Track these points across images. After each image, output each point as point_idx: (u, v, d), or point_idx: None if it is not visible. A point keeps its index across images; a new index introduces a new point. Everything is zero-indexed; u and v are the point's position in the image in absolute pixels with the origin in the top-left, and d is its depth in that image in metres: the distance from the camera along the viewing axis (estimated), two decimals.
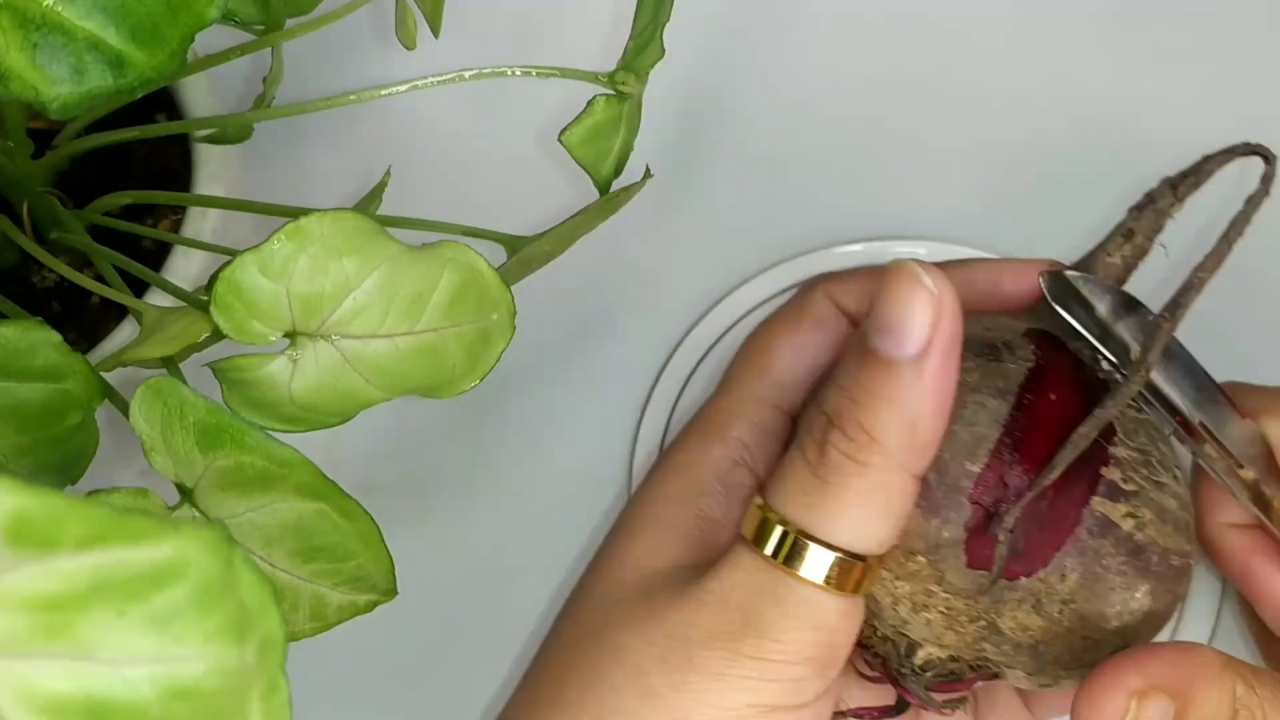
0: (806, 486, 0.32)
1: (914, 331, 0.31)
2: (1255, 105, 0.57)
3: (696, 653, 0.32)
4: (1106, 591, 0.34)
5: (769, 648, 0.32)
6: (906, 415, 0.31)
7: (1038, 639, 0.34)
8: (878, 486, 0.32)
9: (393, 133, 0.54)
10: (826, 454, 0.32)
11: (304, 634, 0.34)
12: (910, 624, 0.35)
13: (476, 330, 0.34)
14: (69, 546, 0.17)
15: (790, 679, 0.32)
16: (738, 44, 0.57)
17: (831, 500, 0.32)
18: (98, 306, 0.43)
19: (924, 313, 0.31)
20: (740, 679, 0.32)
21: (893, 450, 0.32)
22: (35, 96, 0.29)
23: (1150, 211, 0.37)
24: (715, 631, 0.32)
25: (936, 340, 0.31)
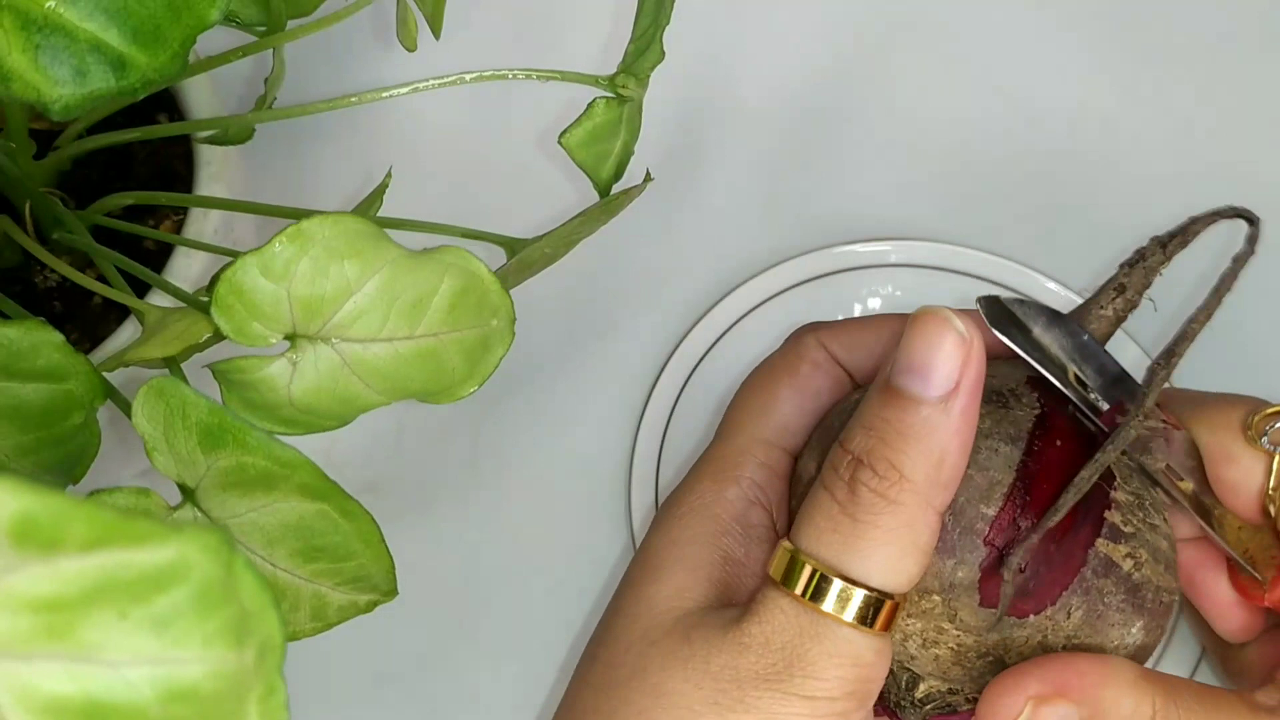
0: (838, 525, 0.33)
1: (943, 373, 0.33)
2: (1248, 104, 0.57)
3: (748, 694, 0.33)
4: (1106, 628, 0.35)
5: (815, 686, 0.33)
6: (935, 454, 0.32)
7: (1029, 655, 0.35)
8: (907, 524, 0.33)
9: (393, 135, 0.54)
10: (857, 493, 0.33)
11: (305, 634, 0.35)
12: (917, 659, 0.36)
13: (476, 336, 0.34)
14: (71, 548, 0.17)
15: (836, 714, 0.33)
16: (738, 46, 0.57)
17: (863, 539, 0.33)
18: (99, 307, 0.43)
19: (954, 355, 0.33)
20: (793, 717, 0.33)
21: (921, 487, 0.33)
22: (37, 98, 0.29)
23: (1140, 268, 0.39)
24: (762, 674, 0.33)
25: (964, 382, 0.33)
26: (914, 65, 0.57)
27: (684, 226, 0.54)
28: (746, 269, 0.51)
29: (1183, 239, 0.39)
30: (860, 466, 0.33)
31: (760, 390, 0.40)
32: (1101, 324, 0.39)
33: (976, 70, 0.57)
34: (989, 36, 0.58)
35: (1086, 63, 0.57)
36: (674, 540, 0.38)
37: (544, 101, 0.56)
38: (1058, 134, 0.56)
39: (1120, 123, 0.56)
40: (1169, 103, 0.57)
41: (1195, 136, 0.56)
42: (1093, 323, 0.38)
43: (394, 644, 0.48)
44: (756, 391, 0.40)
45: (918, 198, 0.55)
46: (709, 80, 0.56)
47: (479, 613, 0.48)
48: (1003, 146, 0.56)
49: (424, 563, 0.47)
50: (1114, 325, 0.39)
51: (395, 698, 0.48)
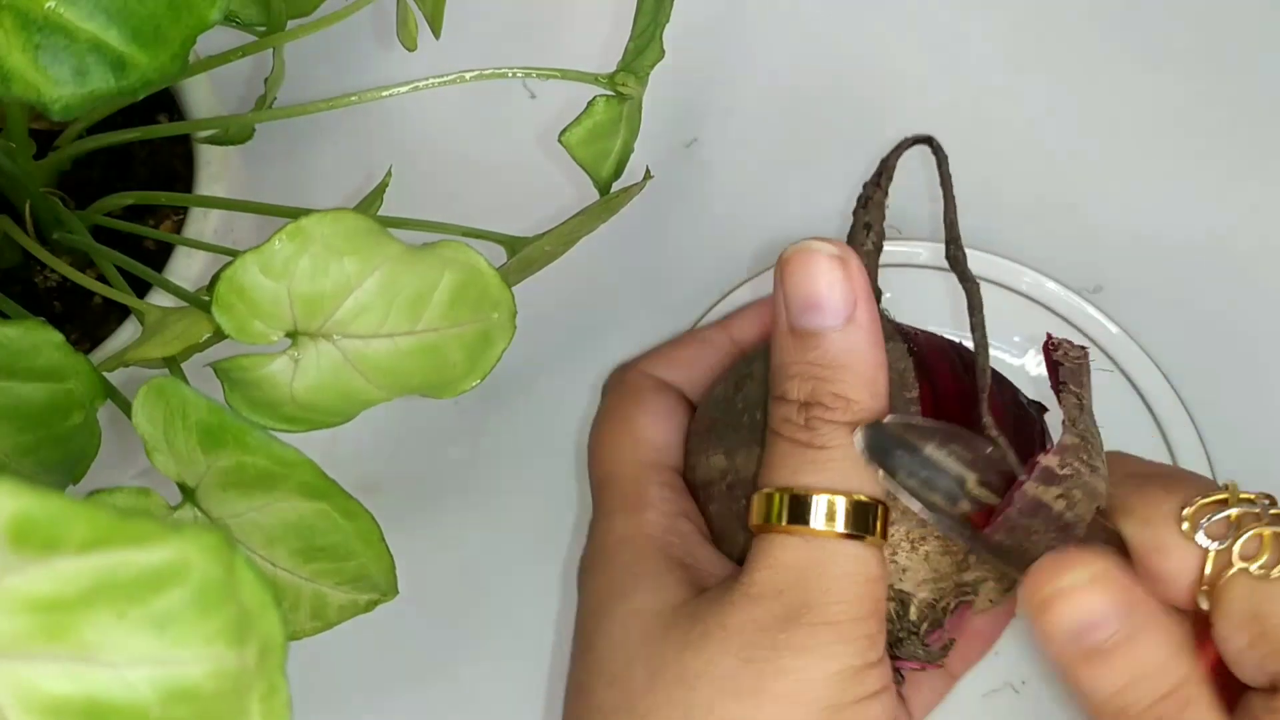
0: (806, 458, 0.34)
1: (836, 298, 0.34)
2: (1248, 103, 0.57)
3: (776, 639, 0.33)
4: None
5: (837, 610, 0.33)
6: (867, 370, 0.34)
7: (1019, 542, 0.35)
8: None
9: (394, 134, 0.54)
10: (815, 428, 0.34)
11: (305, 633, 0.35)
12: (909, 569, 0.36)
13: (477, 330, 0.34)
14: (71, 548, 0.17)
15: (865, 635, 0.34)
16: (738, 44, 0.57)
17: (834, 459, 0.34)
18: (100, 307, 0.43)
19: (839, 279, 0.34)
20: (826, 647, 0.33)
21: (867, 404, 0.34)
22: (37, 98, 0.29)
23: (874, 207, 0.41)
24: (783, 615, 0.33)
25: (860, 298, 0.35)
26: (914, 65, 0.57)
27: (684, 226, 0.54)
28: (746, 269, 0.51)
29: (887, 174, 0.41)
30: (811, 407, 0.34)
31: (618, 431, 0.40)
32: (869, 260, 0.40)
33: (976, 70, 0.57)
34: (989, 36, 0.58)
35: (1087, 62, 0.57)
36: (617, 567, 0.37)
37: (544, 100, 0.56)
38: (1057, 134, 0.56)
39: (1120, 122, 0.56)
40: (1169, 102, 0.56)
41: (1196, 136, 0.56)
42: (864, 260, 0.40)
43: (394, 644, 0.48)
44: (615, 433, 0.40)
45: (918, 198, 0.55)
46: (709, 79, 0.56)
47: (479, 613, 0.48)
48: (1003, 146, 0.56)
49: (424, 563, 0.47)
50: (875, 258, 0.41)
51: (395, 698, 0.48)
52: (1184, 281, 0.54)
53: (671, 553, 0.37)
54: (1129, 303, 0.51)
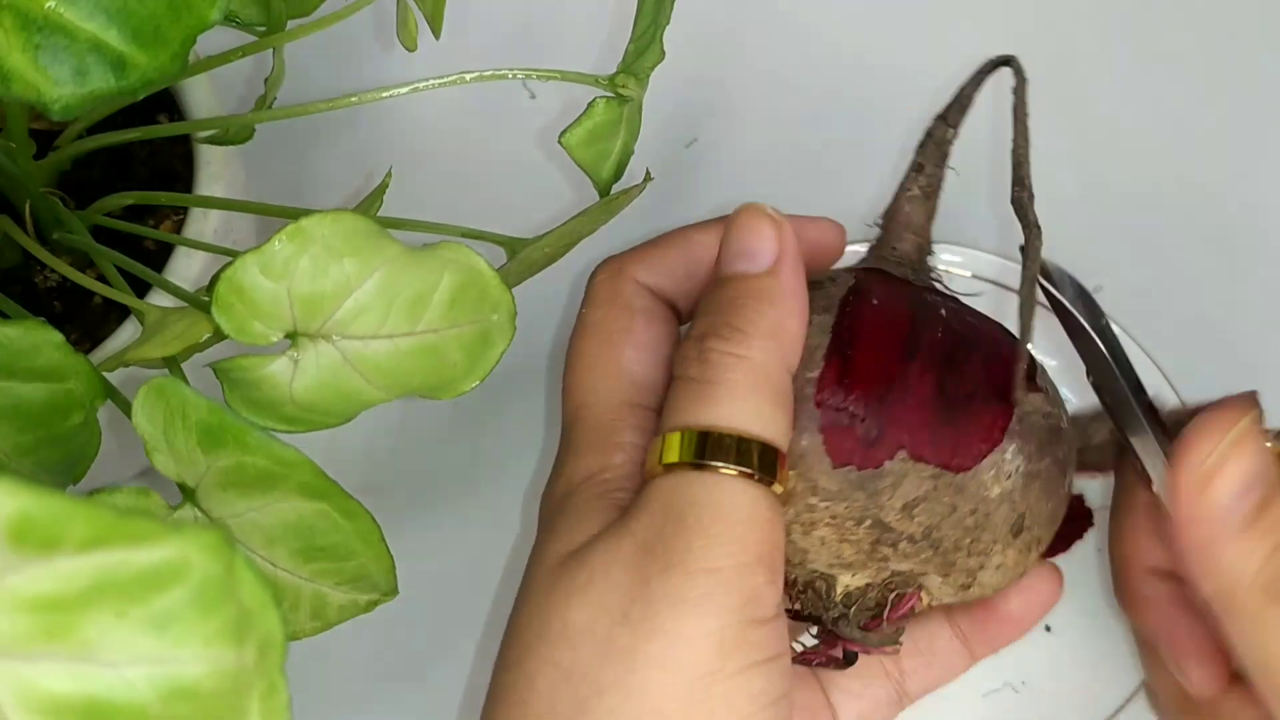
0: (698, 393, 0.34)
1: (765, 249, 0.35)
2: (1249, 103, 0.57)
3: (653, 591, 0.31)
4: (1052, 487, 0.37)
5: (716, 553, 0.31)
6: (773, 313, 0.34)
7: (926, 523, 0.35)
8: (762, 374, 0.34)
9: (394, 134, 0.54)
10: (707, 359, 0.34)
11: (305, 633, 0.35)
12: (810, 553, 0.35)
13: (477, 331, 0.34)
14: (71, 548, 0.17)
15: (747, 586, 0.32)
16: (737, 45, 0.57)
17: (724, 394, 0.33)
18: (100, 307, 0.43)
19: (770, 234, 0.36)
20: (700, 599, 0.31)
21: (766, 339, 0.34)
22: (37, 98, 0.29)
23: (931, 144, 0.40)
24: (664, 561, 0.31)
25: (785, 252, 0.35)
26: (914, 65, 0.57)
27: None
28: None
29: (960, 105, 0.41)
30: (706, 338, 0.34)
31: (602, 356, 0.38)
32: (914, 205, 0.40)
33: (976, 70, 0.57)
34: (988, 37, 0.58)
35: (1087, 62, 0.57)
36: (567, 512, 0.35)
37: (544, 101, 0.56)
38: (1057, 133, 0.56)
39: (1121, 121, 0.56)
40: (1170, 101, 0.57)
41: (1196, 135, 0.56)
42: (906, 205, 0.40)
43: (394, 644, 0.48)
44: (598, 358, 0.38)
45: None
46: (709, 80, 0.56)
47: (479, 613, 0.48)
48: (1001, 146, 0.56)
49: (424, 563, 0.47)
50: (924, 204, 0.40)
51: (395, 698, 0.48)
52: (1184, 281, 0.54)
53: (619, 500, 0.35)
54: (1129, 303, 0.51)
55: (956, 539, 0.35)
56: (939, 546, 0.35)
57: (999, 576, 0.37)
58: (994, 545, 0.36)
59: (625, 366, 0.38)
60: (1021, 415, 0.36)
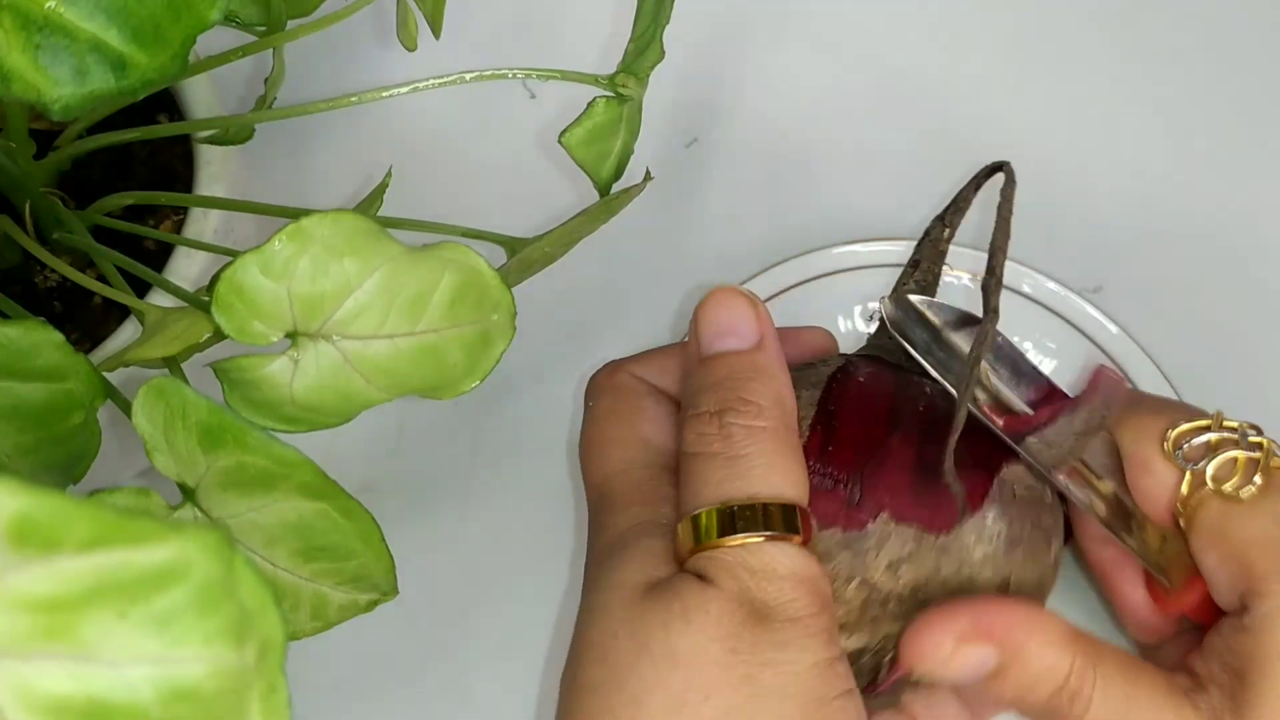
0: (721, 467, 0.35)
1: (748, 326, 0.37)
2: (1249, 103, 0.57)
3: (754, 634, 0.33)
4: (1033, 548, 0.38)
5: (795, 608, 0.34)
6: (774, 385, 0.36)
7: (911, 582, 0.36)
8: (780, 442, 0.36)
9: (394, 134, 0.54)
10: (730, 434, 0.35)
11: (305, 633, 0.35)
12: None
13: (477, 331, 0.34)
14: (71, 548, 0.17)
15: (824, 629, 0.34)
16: (737, 45, 0.57)
17: (750, 466, 0.35)
18: (100, 307, 0.43)
19: (750, 312, 0.38)
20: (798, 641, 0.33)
21: (778, 411, 0.36)
22: (37, 98, 0.29)
23: (928, 243, 0.43)
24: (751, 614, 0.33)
25: (766, 329, 0.38)
26: (914, 65, 0.57)
27: (684, 226, 0.54)
28: (746, 269, 0.51)
29: (956, 208, 0.42)
30: (724, 414, 0.36)
31: (622, 433, 0.40)
32: (903, 298, 0.41)
33: (977, 70, 0.57)
34: (989, 36, 0.58)
35: (1087, 64, 0.57)
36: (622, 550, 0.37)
37: (544, 101, 0.56)
38: (1058, 133, 0.56)
39: (1121, 122, 0.56)
40: (1170, 102, 0.57)
41: (1195, 136, 0.56)
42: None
43: (394, 644, 0.48)
44: (618, 435, 0.40)
45: (918, 198, 0.55)
46: (709, 80, 0.56)
47: (479, 613, 0.48)
48: (1003, 146, 0.56)
49: (424, 563, 0.47)
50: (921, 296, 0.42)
51: (395, 698, 0.48)
52: (1184, 281, 0.54)
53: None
54: (1129, 303, 0.51)
55: (943, 596, 0.36)
56: (926, 602, 0.36)
57: None
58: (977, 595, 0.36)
59: (648, 437, 0.39)
60: (1001, 483, 0.37)
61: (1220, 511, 0.36)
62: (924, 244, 0.43)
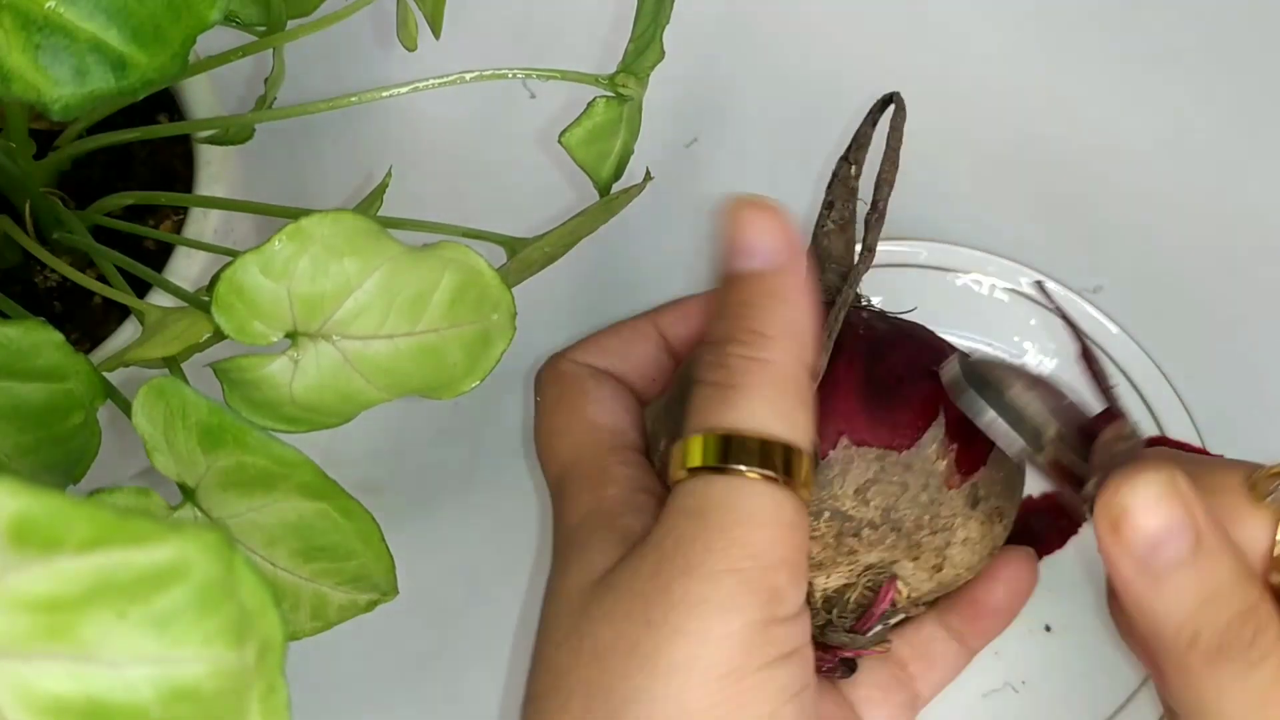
0: (720, 397, 0.33)
1: (769, 246, 0.35)
2: (1248, 103, 0.57)
3: (675, 594, 0.31)
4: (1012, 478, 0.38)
5: (738, 554, 0.31)
6: (788, 313, 0.34)
7: (882, 505, 0.35)
8: (784, 377, 0.33)
9: (394, 134, 0.54)
10: (727, 363, 0.34)
11: (305, 633, 0.35)
12: None
13: (477, 331, 0.34)
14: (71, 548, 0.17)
15: (769, 587, 0.31)
16: (738, 44, 0.57)
17: (746, 397, 0.33)
18: (100, 307, 0.43)
19: (769, 225, 0.35)
20: (724, 599, 0.31)
21: (785, 340, 0.34)
22: (37, 97, 0.29)
23: (837, 182, 0.42)
24: (684, 564, 0.31)
25: (788, 249, 0.35)
26: (914, 65, 0.57)
27: (684, 226, 0.54)
28: None
29: (858, 144, 0.42)
30: (726, 343, 0.34)
31: (570, 422, 0.39)
32: (831, 239, 0.41)
33: (977, 70, 0.57)
34: (989, 36, 0.58)
35: (1087, 63, 0.57)
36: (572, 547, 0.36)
37: (544, 101, 0.56)
38: (1058, 133, 0.56)
39: (1121, 122, 0.56)
40: (1170, 102, 0.56)
41: (1196, 135, 0.56)
42: (824, 240, 0.41)
43: (394, 644, 0.48)
44: (566, 424, 0.39)
45: (918, 198, 0.55)
46: (709, 80, 0.56)
47: (479, 613, 0.48)
48: (1003, 146, 0.56)
49: (424, 563, 0.47)
50: (841, 236, 0.41)
51: (395, 698, 0.48)
52: (1184, 281, 0.54)
53: (624, 525, 0.35)
54: (1129, 303, 0.51)
55: (916, 517, 0.36)
56: (900, 528, 0.36)
57: (968, 552, 0.37)
58: (954, 519, 0.36)
59: (594, 420, 0.38)
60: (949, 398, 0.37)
61: None
62: (834, 184, 0.42)
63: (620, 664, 0.31)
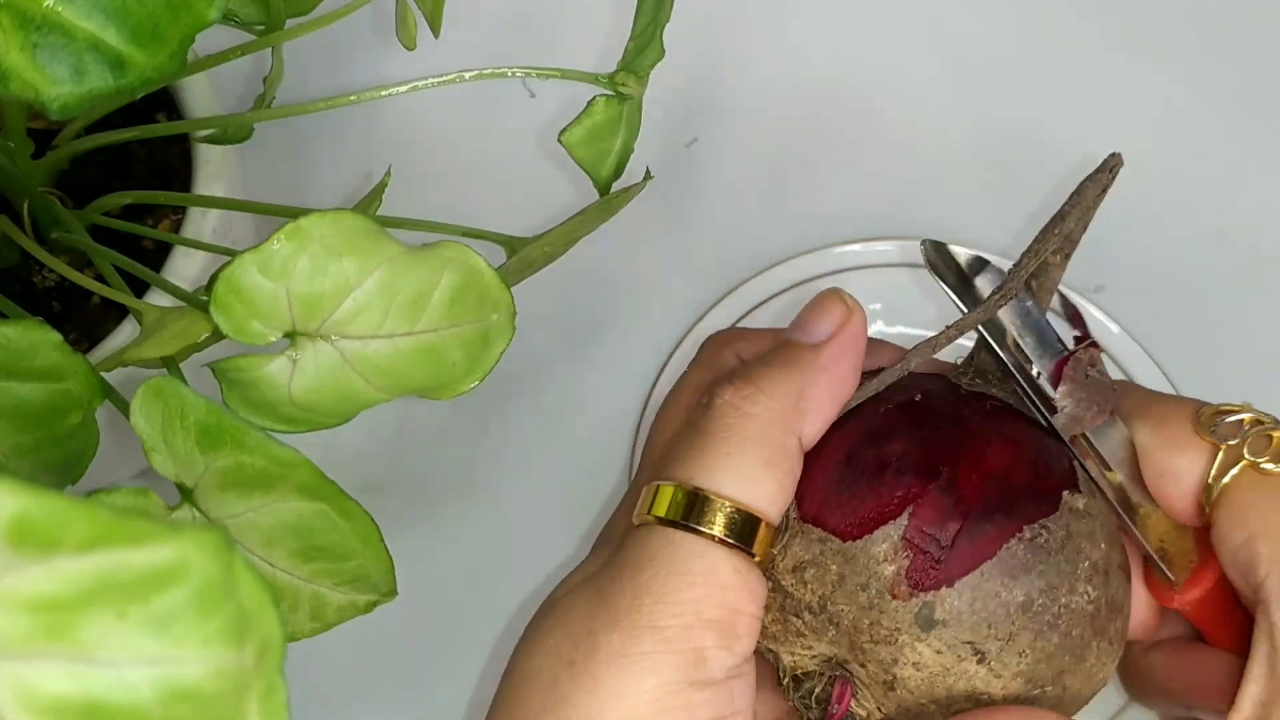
0: (690, 443, 0.33)
1: (822, 326, 0.34)
2: (1248, 103, 0.57)
3: (598, 642, 0.30)
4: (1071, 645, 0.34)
5: (662, 612, 0.30)
6: (796, 380, 0.33)
7: (819, 593, 0.33)
8: (762, 434, 0.32)
9: (393, 133, 0.54)
10: (711, 404, 0.33)
11: (304, 634, 0.34)
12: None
13: (476, 331, 0.34)
14: (70, 548, 0.17)
15: (691, 648, 0.30)
16: (738, 44, 0.57)
17: (715, 449, 0.32)
18: (98, 306, 0.43)
19: (835, 315, 0.35)
20: (641, 656, 0.30)
21: (776, 401, 0.33)
22: (36, 97, 0.29)
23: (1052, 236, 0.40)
24: (612, 614, 0.31)
25: (842, 333, 0.34)
26: (915, 65, 0.57)
27: (684, 226, 0.54)
28: (746, 269, 0.51)
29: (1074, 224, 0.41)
30: (720, 384, 0.33)
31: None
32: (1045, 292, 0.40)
33: (977, 70, 0.57)
34: (990, 37, 0.58)
35: (1088, 63, 0.57)
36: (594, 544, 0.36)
37: (544, 100, 0.56)
38: (1058, 133, 0.56)
39: (1121, 122, 0.56)
40: (1170, 102, 0.56)
41: (1196, 135, 0.56)
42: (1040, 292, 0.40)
43: (394, 644, 0.48)
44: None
45: (918, 198, 0.55)
46: (709, 79, 0.56)
47: (479, 613, 0.48)
48: (1003, 146, 0.56)
49: (424, 563, 0.47)
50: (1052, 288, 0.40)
51: (395, 698, 0.48)
52: (1184, 281, 0.54)
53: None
54: (1129, 303, 0.51)
55: (855, 618, 0.33)
56: (838, 623, 0.33)
57: (921, 677, 0.33)
58: (898, 634, 0.32)
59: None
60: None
61: (1254, 485, 0.34)
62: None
63: (539, 697, 0.31)
